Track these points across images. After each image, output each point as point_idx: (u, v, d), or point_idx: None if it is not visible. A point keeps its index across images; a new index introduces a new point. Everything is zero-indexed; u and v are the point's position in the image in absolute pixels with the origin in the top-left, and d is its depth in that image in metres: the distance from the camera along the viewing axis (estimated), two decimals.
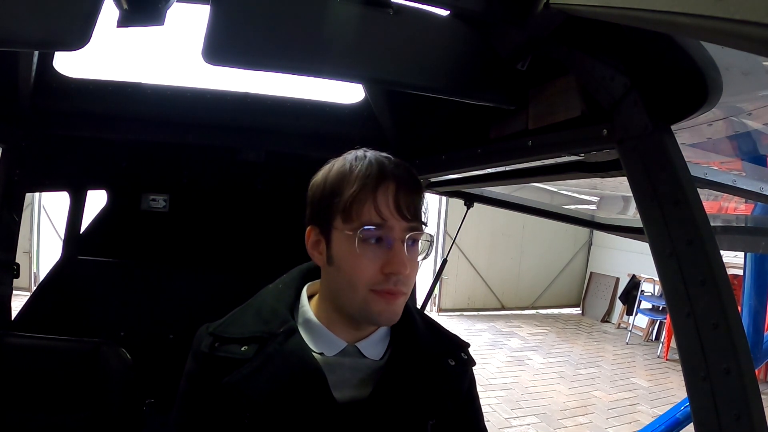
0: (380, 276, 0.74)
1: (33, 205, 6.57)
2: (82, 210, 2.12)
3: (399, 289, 0.76)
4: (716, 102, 0.78)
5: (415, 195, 0.77)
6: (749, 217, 2.09)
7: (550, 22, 0.80)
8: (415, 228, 0.77)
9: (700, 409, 0.65)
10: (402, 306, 0.79)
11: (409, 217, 0.75)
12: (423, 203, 0.80)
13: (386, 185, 0.75)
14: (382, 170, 0.76)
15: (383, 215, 0.74)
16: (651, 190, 0.74)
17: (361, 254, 0.74)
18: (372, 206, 0.74)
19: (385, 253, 0.75)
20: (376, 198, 0.74)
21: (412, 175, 0.79)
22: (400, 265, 0.74)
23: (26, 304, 1.85)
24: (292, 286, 0.90)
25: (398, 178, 0.76)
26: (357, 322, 0.81)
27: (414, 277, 0.79)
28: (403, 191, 0.75)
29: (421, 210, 0.79)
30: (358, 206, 0.74)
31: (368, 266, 0.74)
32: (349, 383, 0.80)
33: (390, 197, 0.75)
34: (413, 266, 0.78)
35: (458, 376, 0.89)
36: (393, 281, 0.75)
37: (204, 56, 0.78)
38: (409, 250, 0.76)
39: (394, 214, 0.74)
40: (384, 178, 0.75)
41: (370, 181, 0.75)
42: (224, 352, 0.79)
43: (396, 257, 0.74)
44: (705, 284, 0.67)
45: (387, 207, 0.74)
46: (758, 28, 0.38)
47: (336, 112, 1.86)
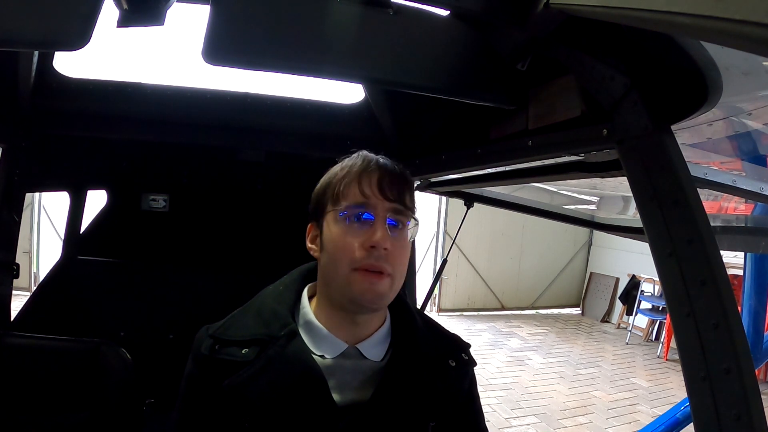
0: (362, 252, 0.77)
1: (33, 205, 6.56)
2: (82, 210, 2.12)
3: (381, 266, 0.77)
4: (716, 102, 0.78)
5: (400, 182, 0.82)
6: (749, 217, 2.09)
7: (550, 22, 0.80)
8: (398, 210, 0.81)
9: (700, 409, 0.65)
10: (388, 289, 0.79)
11: (392, 198, 0.80)
12: (410, 193, 0.84)
13: (371, 170, 0.82)
14: (368, 160, 0.84)
15: (365, 194, 0.80)
16: (651, 190, 0.74)
17: (345, 231, 0.79)
18: (357, 188, 0.81)
19: (367, 230, 0.78)
20: (361, 181, 0.81)
21: (400, 168, 0.85)
22: (380, 239, 0.77)
23: (26, 304, 1.85)
24: (292, 287, 0.90)
25: (383, 166, 0.83)
26: (351, 314, 0.81)
27: (400, 261, 0.80)
28: (387, 176, 0.81)
29: (407, 198, 0.83)
30: (345, 189, 0.81)
31: (351, 242, 0.78)
32: (350, 386, 0.80)
33: (374, 179, 0.81)
34: (397, 248, 0.79)
35: (459, 377, 0.89)
36: (374, 256, 0.76)
37: (204, 56, 0.78)
38: (393, 230, 0.80)
39: (376, 193, 0.80)
40: (369, 164, 0.83)
41: (356, 168, 0.83)
42: (225, 355, 0.79)
43: (377, 231, 0.77)
44: (705, 284, 0.67)
45: (370, 187, 0.80)
46: (758, 28, 0.38)
47: (336, 112, 1.86)
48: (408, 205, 0.82)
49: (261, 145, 1.93)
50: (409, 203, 0.83)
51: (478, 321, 7.89)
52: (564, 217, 2.26)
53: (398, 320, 0.89)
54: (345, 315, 0.82)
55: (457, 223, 2.14)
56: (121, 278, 2.04)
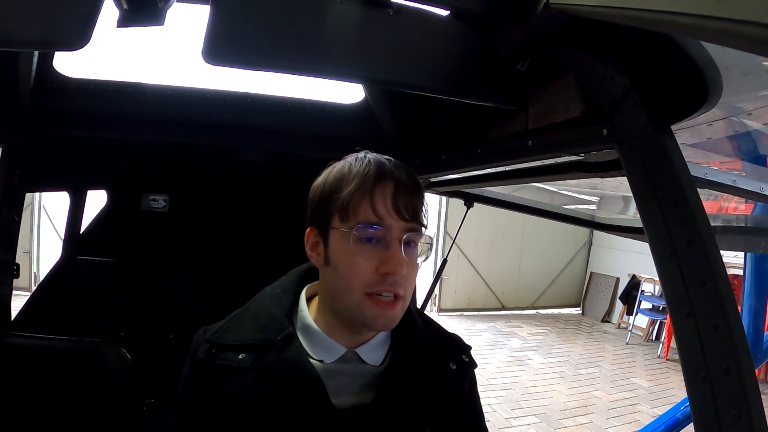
0: (375, 276, 0.73)
1: (33, 205, 6.56)
2: (82, 210, 2.12)
3: (395, 291, 0.74)
4: (716, 102, 0.78)
5: (415, 196, 0.76)
6: (749, 217, 2.09)
7: (550, 22, 0.80)
8: (414, 229, 0.75)
9: (700, 409, 0.65)
10: (400, 311, 0.76)
11: (408, 218, 0.74)
12: (423, 205, 0.78)
13: (384, 184, 0.74)
14: (380, 169, 0.75)
15: (380, 214, 0.73)
16: (651, 190, 0.74)
17: (357, 253, 0.73)
18: (369, 204, 0.73)
19: (381, 252, 0.73)
20: (374, 197, 0.73)
21: (412, 176, 0.78)
22: (396, 265, 0.72)
23: (26, 304, 1.85)
24: (290, 290, 0.88)
25: (397, 178, 0.75)
26: (355, 326, 0.79)
27: (413, 280, 0.77)
28: (402, 191, 0.74)
29: (421, 211, 0.77)
30: (355, 205, 0.74)
31: (364, 266, 0.73)
32: (349, 390, 0.79)
33: (388, 196, 0.74)
34: (411, 268, 0.76)
35: (459, 380, 0.88)
36: (389, 282, 0.73)
37: (204, 56, 0.77)
38: (406, 251, 0.75)
39: (392, 213, 0.73)
40: (382, 177, 0.75)
41: (368, 180, 0.74)
42: (222, 360, 0.78)
43: (393, 257, 0.72)
44: (705, 284, 0.67)
45: (384, 206, 0.73)
46: (758, 28, 0.38)
47: (336, 112, 1.86)
48: (422, 221, 0.77)
49: (261, 145, 1.93)
50: (423, 219, 0.77)
51: (478, 321, 7.89)
52: (564, 217, 2.26)
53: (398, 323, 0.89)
54: (347, 324, 0.80)
55: (457, 223, 2.14)
56: (121, 278, 2.04)
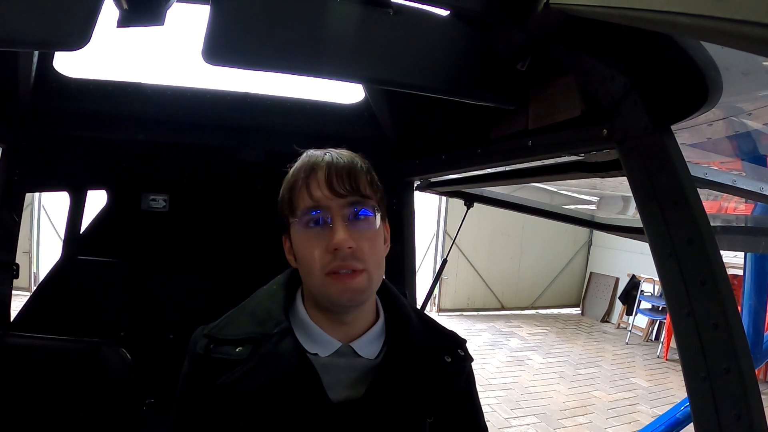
0: (328, 255, 0.75)
1: (33, 205, 6.56)
2: (82, 210, 2.12)
3: (350, 265, 0.75)
4: (716, 102, 0.78)
5: (352, 173, 0.79)
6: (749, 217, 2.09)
7: (550, 22, 0.80)
8: (356, 202, 0.78)
9: (700, 409, 0.65)
10: (366, 284, 0.78)
11: (344, 192, 0.77)
12: (367, 180, 0.80)
13: (317, 171, 0.79)
14: (312, 159, 0.81)
15: (315, 197, 0.77)
16: (651, 190, 0.74)
17: (309, 239, 0.78)
18: (306, 192, 0.78)
19: (328, 232, 0.76)
20: (309, 184, 0.78)
21: (349, 157, 0.81)
22: (341, 240, 0.74)
23: (26, 304, 1.85)
24: (286, 286, 0.90)
25: (329, 162, 0.79)
26: (338, 315, 0.81)
27: (371, 253, 0.78)
28: (334, 171, 0.78)
29: (363, 185, 0.79)
30: (297, 197, 0.80)
31: (316, 248, 0.76)
32: (344, 383, 0.80)
33: (321, 180, 0.78)
34: (364, 241, 0.77)
35: (455, 373, 0.89)
36: (341, 257, 0.75)
37: (204, 56, 0.78)
38: (355, 225, 0.78)
39: (326, 193, 0.77)
40: (315, 165, 0.79)
41: (301, 173, 0.80)
42: (219, 354, 0.79)
43: (336, 233, 0.75)
44: (705, 284, 0.67)
45: (319, 189, 0.77)
46: (758, 28, 0.38)
47: (336, 112, 1.86)
48: (366, 193, 0.79)
49: (261, 145, 1.93)
50: (368, 191, 0.80)
51: (478, 321, 7.89)
52: (564, 217, 2.26)
53: (393, 317, 0.89)
54: (333, 316, 0.82)
55: (457, 223, 2.14)
56: (121, 278, 2.04)
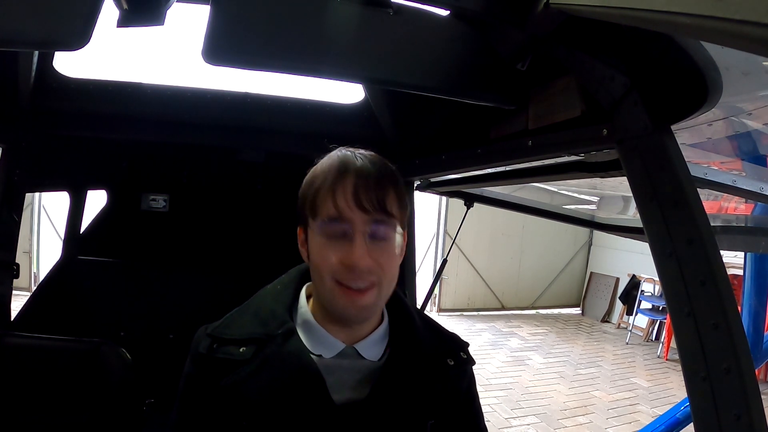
0: (342, 267, 0.74)
1: (33, 205, 6.56)
2: (82, 210, 2.12)
3: (363, 283, 0.74)
4: (716, 102, 0.78)
5: (380, 188, 0.75)
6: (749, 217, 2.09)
7: (550, 22, 0.80)
8: (380, 220, 0.75)
9: (700, 409, 0.65)
10: (374, 301, 0.77)
11: (370, 209, 0.74)
12: (395, 197, 0.77)
13: (345, 178, 0.75)
14: (343, 164, 0.77)
15: (340, 208, 0.74)
16: (651, 190, 0.74)
17: (326, 247, 0.75)
18: (331, 200, 0.75)
19: (347, 245, 0.74)
20: (335, 192, 0.75)
21: (380, 168, 0.78)
22: (359, 258, 0.72)
23: (26, 304, 1.85)
24: (290, 286, 0.89)
25: (359, 170, 0.76)
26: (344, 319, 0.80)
27: (387, 270, 0.76)
28: (363, 183, 0.75)
29: (390, 203, 0.76)
30: (321, 201, 0.76)
31: (331, 257, 0.74)
32: (348, 385, 0.80)
33: (348, 189, 0.74)
34: (384, 258, 0.76)
35: (457, 376, 0.89)
36: (355, 273, 0.73)
37: (204, 56, 0.78)
38: (375, 243, 0.75)
39: (352, 206, 0.74)
40: (345, 171, 0.76)
41: (329, 176, 0.76)
42: (222, 354, 0.79)
43: (355, 250, 0.73)
44: (705, 284, 0.67)
45: (344, 200, 0.74)
46: (758, 28, 0.38)
47: (336, 112, 1.86)
48: (391, 211, 0.76)
49: (261, 145, 1.93)
50: (393, 209, 0.76)
51: (478, 321, 7.89)
52: (564, 217, 2.26)
53: (396, 320, 0.89)
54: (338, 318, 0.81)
55: (457, 223, 2.14)
56: (121, 278, 2.04)
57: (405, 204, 0.80)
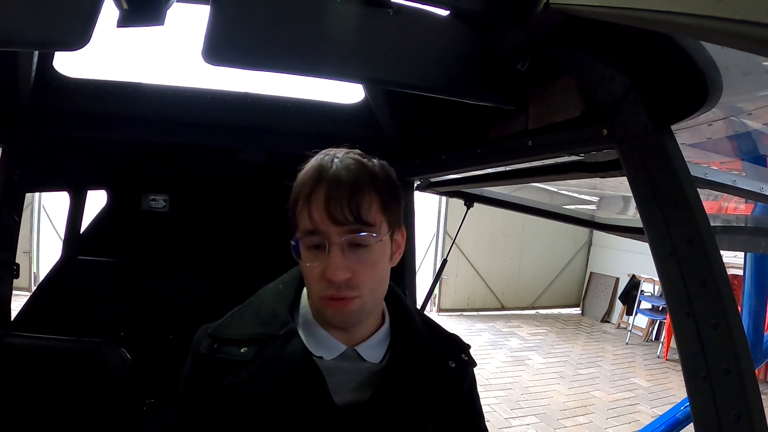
0: (323, 282, 0.73)
1: (33, 205, 6.56)
2: (82, 210, 2.12)
3: (343, 294, 0.73)
4: (716, 102, 0.78)
5: (354, 195, 0.72)
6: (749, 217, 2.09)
7: (550, 22, 0.80)
8: (354, 231, 0.72)
9: (700, 409, 0.65)
10: (359, 309, 0.76)
11: (342, 221, 0.72)
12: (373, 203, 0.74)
13: (319, 190, 0.73)
14: (317, 173, 0.74)
15: (314, 221, 0.73)
16: (651, 190, 0.74)
17: (308, 260, 0.75)
18: (306, 213, 0.73)
19: (324, 258, 0.73)
20: (310, 204, 0.73)
21: (357, 173, 0.74)
22: (335, 271, 0.71)
23: (26, 304, 1.85)
24: (292, 285, 0.89)
25: (331, 180, 0.73)
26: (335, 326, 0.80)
27: (367, 279, 0.75)
28: (335, 194, 0.72)
29: (366, 210, 0.73)
30: (299, 213, 0.75)
31: (314, 273, 0.74)
32: (349, 387, 0.80)
33: (321, 202, 0.72)
34: (363, 269, 0.74)
35: (458, 378, 0.89)
36: (335, 287, 0.73)
37: (204, 56, 0.78)
38: (353, 252, 0.73)
39: (325, 219, 0.72)
40: (318, 182, 0.73)
41: (305, 188, 0.74)
42: (223, 354, 0.79)
43: (331, 263, 0.72)
44: (705, 284, 0.67)
45: (318, 212, 0.72)
46: (758, 28, 0.38)
47: (336, 112, 1.86)
48: (367, 219, 0.73)
49: (261, 145, 1.93)
50: (371, 216, 0.73)
51: (478, 321, 7.89)
52: (564, 217, 2.27)
53: (397, 321, 0.89)
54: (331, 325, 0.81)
55: (457, 223, 2.14)
56: (121, 278, 2.04)
57: (392, 205, 0.78)
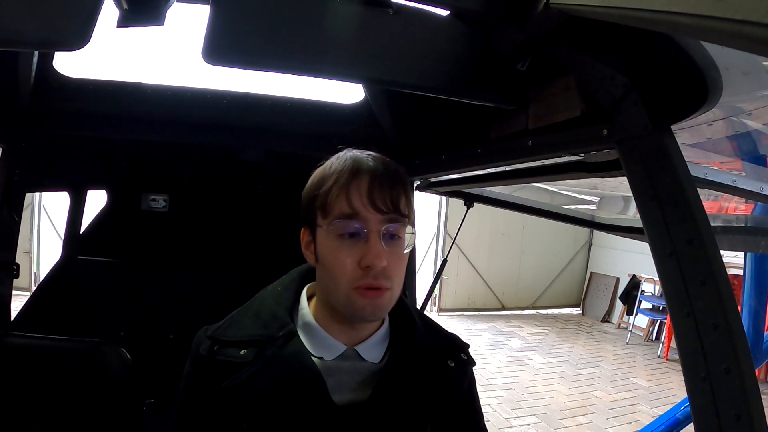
0: (359, 271, 0.74)
1: (33, 205, 6.56)
2: (82, 210, 2.12)
3: (380, 283, 0.74)
4: (716, 102, 0.78)
5: (393, 188, 0.76)
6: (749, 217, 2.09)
7: (550, 22, 0.80)
8: (393, 220, 0.75)
9: (700, 409, 0.65)
10: (388, 301, 0.77)
11: (385, 210, 0.74)
12: (405, 197, 0.78)
13: (360, 178, 0.75)
14: (356, 164, 0.77)
15: (355, 207, 0.74)
16: (651, 190, 0.74)
17: (339, 249, 0.75)
18: (345, 199, 0.75)
19: (362, 246, 0.74)
20: (349, 191, 0.75)
21: (393, 170, 0.78)
22: (375, 258, 0.72)
23: (26, 304, 1.85)
24: (291, 287, 0.89)
25: (373, 171, 0.76)
26: (350, 320, 0.80)
27: (398, 272, 0.77)
28: (378, 184, 0.75)
29: (402, 204, 0.77)
30: (333, 200, 0.75)
31: (346, 261, 0.74)
32: (349, 386, 0.80)
33: (363, 190, 0.74)
34: (395, 260, 0.76)
35: (458, 377, 0.89)
36: (372, 275, 0.73)
37: (204, 56, 0.78)
38: (388, 243, 0.75)
39: (367, 205, 0.74)
40: (358, 171, 0.76)
41: (344, 175, 0.76)
42: (223, 356, 0.79)
43: (371, 250, 0.73)
44: (705, 284, 0.67)
45: (359, 199, 0.74)
46: (758, 28, 0.38)
47: (336, 112, 1.86)
48: (404, 212, 0.77)
49: (261, 145, 1.93)
50: (406, 209, 0.77)
51: (478, 321, 7.89)
52: (564, 217, 2.26)
53: (397, 321, 0.89)
54: (344, 320, 0.81)
55: (457, 223, 2.14)
56: (121, 278, 2.04)
57: (413, 205, 0.82)
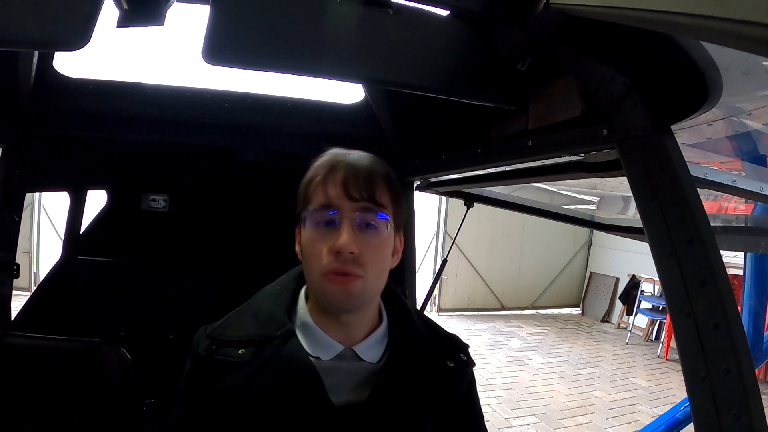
0: (330, 257, 0.75)
1: (33, 205, 6.56)
2: (82, 210, 2.12)
3: (348, 269, 0.74)
4: (716, 102, 0.78)
5: (370, 178, 0.78)
6: (749, 217, 2.09)
7: (550, 22, 0.80)
8: (367, 208, 0.77)
9: (700, 409, 0.65)
10: (361, 291, 0.76)
11: (358, 197, 0.76)
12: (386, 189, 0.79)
13: (337, 171, 0.78)
14: (335, 159, 0.80)
15: (329, 196, 0.77)
16: (651, 190, 0.74)
17: (315, 238, 0.77)
18: (322, 190, 0.78)
19: (335, 233, 0.76)
20: (327, 183, 0.78)
21: (371, 162, 0.81)
22: (345, 243, 0.73)
23: (26, 304, 1.85)
24: (289, 287, 0.89)
25: (351, 163, 0.79)
26: (328, 311, 0.80)
27: (373, 262, 0.77)
28: (353, 174, 0.78)
29: (379, 193, 0.78)
30: (312, 192, 0.79)
31: (319, 247, 0.76)
32: (347, 387, 0.80)
33: (339, 180, 0.77)
34: (370, 250, 0.76)
35: (457, 378, 0.89)
36: (341, 260, 0.74)
37: (204, 56, 0.78)
38: (364, 231, 0.77)
39: (341, 195, 0.76)
40: (335, 164, 0.79)
41: (322, 170, 0.79)
42: (221, 356, 0.79)
43: (342, 234, 0.74)
44: (705, 284, 0.67)
45: (335, 188, 0.77)
46: (758, 28, 0.38)
47: (336, 112, 1.86)
48: (380, 201, 0.78)
49: (261, 145, 1.93)
50: (383, 200, 0.78)
51: (478, 321, 7.89)
52: (564, 217, 2.27)
53: (396, 321, 0.89)
54: (334, 317, 0.81)
55: (457, 223, 2.14)
56: (121, 278, 2.04)
57: (399, 203, 0.82)
